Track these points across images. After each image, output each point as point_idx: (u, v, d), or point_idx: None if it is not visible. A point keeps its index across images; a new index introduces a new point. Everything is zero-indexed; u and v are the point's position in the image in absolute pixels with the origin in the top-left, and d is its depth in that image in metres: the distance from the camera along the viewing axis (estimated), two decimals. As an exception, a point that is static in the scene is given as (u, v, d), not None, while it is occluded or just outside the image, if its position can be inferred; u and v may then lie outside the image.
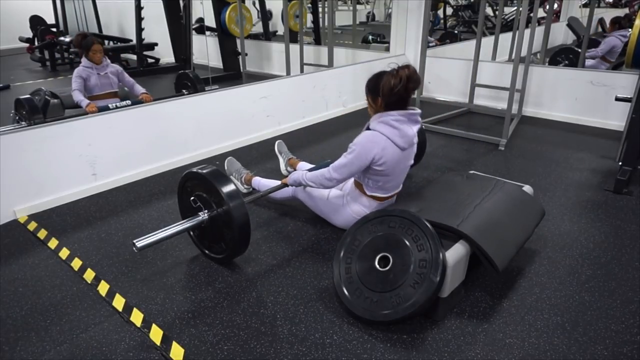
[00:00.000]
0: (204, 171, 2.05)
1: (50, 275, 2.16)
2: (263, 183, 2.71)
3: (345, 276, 1.88)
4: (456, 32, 8.17)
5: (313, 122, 4.49)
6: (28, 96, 3.60)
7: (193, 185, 2.15)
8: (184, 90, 4.50)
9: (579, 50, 5.39)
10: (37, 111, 3.53)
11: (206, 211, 2.10)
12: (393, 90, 2.02)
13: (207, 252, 2.23)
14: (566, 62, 5.50)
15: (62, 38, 6.86)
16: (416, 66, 4.98)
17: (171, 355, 1.69)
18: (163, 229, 2.01)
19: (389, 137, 2.06)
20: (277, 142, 3.22)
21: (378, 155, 2.07)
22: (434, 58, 5.14)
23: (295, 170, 2.82)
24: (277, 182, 2.49)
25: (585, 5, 9.46)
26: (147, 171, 3.27)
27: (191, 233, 2.28)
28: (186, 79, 4.55)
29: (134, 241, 1.86)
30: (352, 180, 2.36)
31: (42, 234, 2.52)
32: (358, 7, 11.83)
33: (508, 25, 7.78)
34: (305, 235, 2.47)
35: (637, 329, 1.79)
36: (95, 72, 3.85)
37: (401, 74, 2.01)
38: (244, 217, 1.98)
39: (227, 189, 1.99)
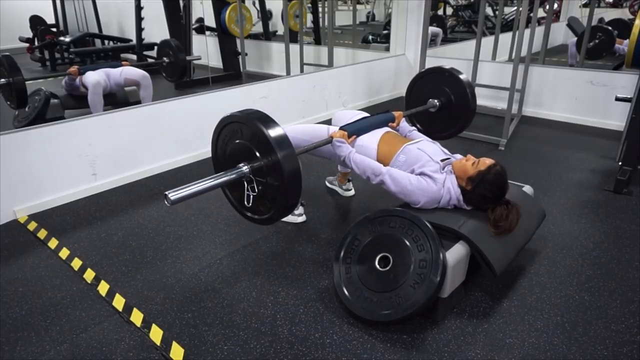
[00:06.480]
0: (245, 113, 1.74)
1: (50, 275, 2.16)
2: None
3: (346, 276, 1.88)
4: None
5: (313, 122, 4.48)
6: (7, 54, 3.73)
7: (231, 133, 1.81)
8: (164, 58, 4.67)
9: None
10: (17, 68, 3.64)
11: (247, 162, 1.77)
12: (486, 200, 1.90)
13: (249, 214, 1.90)
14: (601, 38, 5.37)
15: (62, 38, 6.84)
16: (416, 66, 5.03)
17: (171, 355, 1.69)
18: (197, 182, 1.68)
19: (442, 196, 1.96)
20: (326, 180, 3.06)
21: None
22: (434, 58, 5.14)
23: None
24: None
25: (585, 5, 9.45)
26: (147, 171, 3.27)
27: (227, 192, 1.94)
28: (167, 47, 4.64)
29: (167, 193, 1.60)
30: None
31: (42, 234, 2.52)
32: (358, 7, 11.82)
33: (508, 25, 7.77)
34: (305, 235, 2.47)
35: (637, 329, 1.79)
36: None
37: (511, 218, 1.85)
38: (295, 170, 1.67)
39: (275, 133, 1.67)
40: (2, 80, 3.62)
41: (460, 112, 2.68)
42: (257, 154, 1.73)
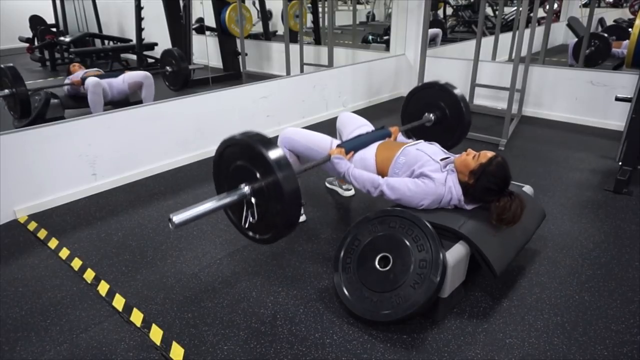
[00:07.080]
0: (246, 136, 1.73)
1: (50, 275, 2.16)
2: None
3: (346, 276, 1.88)
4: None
5: (313, 122, 4.48)
6: (11, 65, 3.73)
7: (232, 155, 1.83)
8: (167, 67, 4.66)
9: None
10: (20, 79, 3.65)
11: (248, 184, 1.76)
12: (491, 196, 1.88)
13: (250, 234, 1.90)
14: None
15: (62, 38, 6.85)
16: (416, 66, 5.04)
17: (171, 355, 1.69)
18: (199, 204, 1.68)
19: (444, 195, 1.94)
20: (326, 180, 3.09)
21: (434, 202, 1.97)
22: (434, 58, 5.14)
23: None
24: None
25: (585, 5, 9.45)
26: (147, 171, 3.27)
27: (228, 212, 1.95)
28: (170, 57, 4.62)
29: (171, 215, 1.59)
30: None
31: (42, 234, 2.52)
32: (358, 7, 11.82)
33: (508, 25, 7.77)
34: (305, 235, 2.47)
35: (637, 329, 1.79)
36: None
37: (515, 208, 1.84)
38: (295, 192, 1.67)
39: (275, 155, 1.67)
40: (6, 91, 3.67)
41: (456, 125, 2.74)
42: (258, 174, 1.75)
